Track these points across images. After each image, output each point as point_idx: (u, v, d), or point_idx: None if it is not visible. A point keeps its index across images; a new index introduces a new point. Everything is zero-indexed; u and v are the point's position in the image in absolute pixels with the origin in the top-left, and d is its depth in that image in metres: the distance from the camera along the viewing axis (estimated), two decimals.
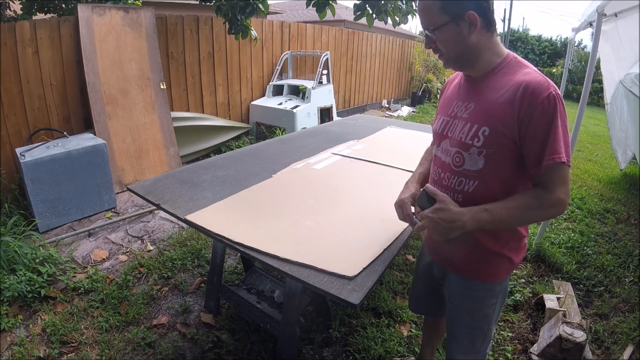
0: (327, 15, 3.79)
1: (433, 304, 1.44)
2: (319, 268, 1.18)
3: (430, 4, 0.98)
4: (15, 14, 4.75)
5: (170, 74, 4.48)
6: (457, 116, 1.07)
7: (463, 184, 1.04)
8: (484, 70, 1.03)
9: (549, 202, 0.94)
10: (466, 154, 1.02)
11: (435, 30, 0.98)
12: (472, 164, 1.01)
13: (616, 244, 3.02)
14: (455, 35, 0.98)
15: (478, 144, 0.99)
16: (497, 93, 0.98)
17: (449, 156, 1.08)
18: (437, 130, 1.14)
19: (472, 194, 1.03)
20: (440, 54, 1.04)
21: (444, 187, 1.08)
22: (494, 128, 0.96)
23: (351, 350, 1.85)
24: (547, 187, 0.94)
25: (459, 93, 1.12)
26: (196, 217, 1.48)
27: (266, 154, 2.35)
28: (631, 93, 3.46)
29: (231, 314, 2.06)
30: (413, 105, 9.76)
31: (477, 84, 1.05)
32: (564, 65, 3.69)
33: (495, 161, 0.98)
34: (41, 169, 2.81)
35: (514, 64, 1.01)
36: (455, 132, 1.06)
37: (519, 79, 0.95)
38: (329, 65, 5.79)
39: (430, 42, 1.03)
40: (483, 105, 1.01)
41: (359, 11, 3.86)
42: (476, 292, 1.15)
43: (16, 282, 2.09)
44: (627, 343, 1.95)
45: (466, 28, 0.97)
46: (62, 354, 1.80)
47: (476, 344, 1.22)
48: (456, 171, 1.05)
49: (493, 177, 1.00)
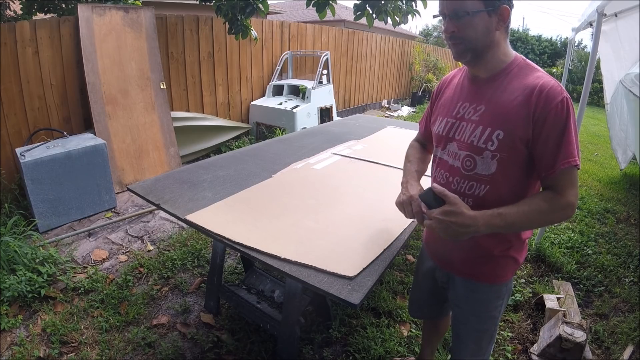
0: (327, 15, 3.79)
1: (434, 307, 1.44)
2: (319, 268, 1.18)
3: None
4: (15, 14, 4.75)
5: (170, 74, 4.48)
6: (465, 118, 1.04)
7: (474, 188, 1.02)
8: (493, 71, 1.01)
9: (560, 205, 0.94)
10: (479, 157, 1.00)
11: (466, 15, 0.93)
12: (484, 168, 1.00)
13: (616, 244, 3.02)
14: (484, 25, 0.94)
15: (492, 148, 0.97)
16: (509, 95, 0.96)
17: (457, 160, 1.05)
18: (441, 133, 1.11)
19: (483, 198, 1.02)
20: (458, 42, 0.98)
21: (452, 191, 1.04)
22: (508, 131, 0.95)
23: (351, 350, 1.85)
24: (558, 190, 0.94)
25: (462, 94, 1.08)
26: (196, 217, 1.48)
27: (266, 154, 2.35)
28: (631, 93, 3.45)
29: (231, 314, 2.06)
30: (413, 105, 9.76)
31: (485, 85, 1.02)
32: (564, 65, 3.69)
33: (507, 165, 0.97)
34: (41, 169, 2.81)
35: (524, 67, 1.00)
36: (464, 135, 1.03)
37: (533, 83, 0.94)
38: (329, 65, 5.79)
39: (451, 27, 0.97)
40: (495, 107, 0.98)
41: (359, 11, 3.86)
42: (483, 294, 1.15)
43: (16, 282, 2.09)
44: (627, 343, 1.95)
45: (495, 21, 0.94)
46: (62, 354, 1.80)
47: (483, 345, 1.22)
48: (467, 175, 1.03)
49: (504, 181, 0.99)
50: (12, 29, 3.17)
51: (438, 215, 0.93)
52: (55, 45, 3.46)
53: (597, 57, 3.29)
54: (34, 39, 3.31)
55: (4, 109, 3.20)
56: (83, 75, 3.52)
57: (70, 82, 3.62)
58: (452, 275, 1.20)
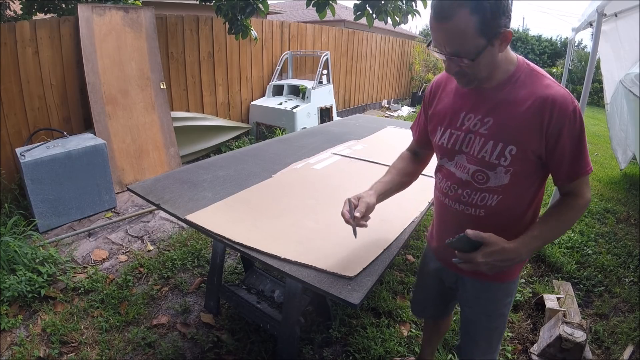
0: (327, 15, 3.78)
1: (439, 307, 1.44)
2: (319, 268, 1.18)
3: (462, 26, 0.82)
4: (15, 14, 4.75)
5: (170, 74, 4.48)
6: (472, 131, 1.00)
7: (486, 199, 1.02)
8: (498, 80, 0.96)
9: (581, 206, 0.99)
10: (492, 172, 0.98)
11: (471, 59, 0.86)
12: (497, 181, 0.99)
13: (616, 244, 3.02)
14: (489, 57, 0.88)
15: (505, 163, 0.95)
16: (519, 107, 0.93)
17: (467, 173, 1.03)
18: (446, 145, 1.06)
19: (495, 207, 1.02)
20: (462, 76, 0.93)
21: (463, 202, 1.05)
22: (520, 146, 0.93)
23: (351, 350, 1.85)
24: (577, 194, 0.98)
25: (465, 103, 1.03)
26: (196, 217, 1.48)
27: (266, 154, 2.35)
28: (631, 93, 3.45)
29: (231, 314, 2.06)
30: (413, 105, 9.76)
31: (491, 94, 0.97)
32: (564, 65, 3.69)
33: (520, 176, 0.97)
34: (41, 169, 2.81)
35: (529, 73, 0.95)
36: (473, 149, 1.00)
37: (543, 93, 0.91)
38: (329, 65, 5.79)
39: (454, 68, 0.91)
40: (505, 120, 0.95)
41: (359, 11, 3.86)
42: (494, 293, 1.16)
43: (16, 282, 2.09)
44: (627, 343, 1.95)
45: (498, 45, 0.87)
46: (62, 354, 1.80)
47: (493, 343, 1.23)
48: (479, 188, 1.02)
49: (515, 190, 1.00)
50: (12, 29, 3.17)
51: (483, 259, 0.91)
52: (55, 45, 3.46)
53: (597, 57, 3.29)
54: (34, 39, 3.31)
55: (4, 109, 3.20)
56: (83, 75, 3.52)
57: (70, 82, 3.62)
58: (461, 276, 1.20)
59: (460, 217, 1.07)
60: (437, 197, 1.17)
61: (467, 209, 1.04)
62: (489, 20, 0.82)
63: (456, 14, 0.82)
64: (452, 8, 0.82)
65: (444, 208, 1.13)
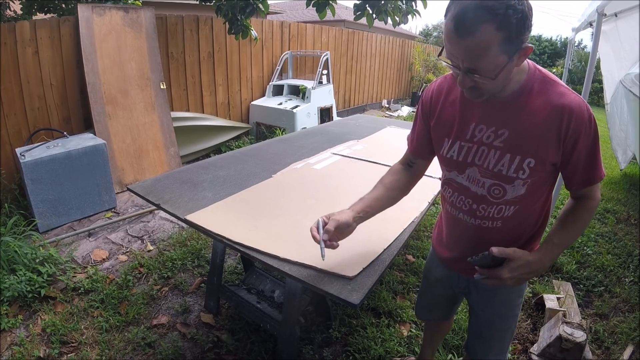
0: (327, 15, 3.78)
1: (445, 311, 1.44)
2: (319, 268, 1.17)
3: (486, 43, 0.76)
4: (15, 14, 4.75)
5: (170, 74, 4.48)
6: (485, 143, 0.96)
7: (503, 210, 1.00)
8: (511, 90, 0.92)
9: (593, 207, 1.01)
10: (509, 186, 0.96)
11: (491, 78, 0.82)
12: (514, 193, 0.97)
13: (616, 244, 3.02)
14: (507, 72, 0.84)
15: (523, 177, 0.94)
16: (535, 119, 0.90)
17: (481, 187, 1.00)
18: (456, 158, 1.02)
19: (511, 217, 1.01)
20: (476, 90, 0.88)
21: (479, 217, 1.03)
22: (539, 158, 0.92)
23: (351, 350, 1.85)
24: (590, 196, 1.00)
25: (474, 113, 0.98)
26: (196, 217, 1.48)
27: (266, 154, 2.35)
28: (631, 93, 3.45)
29: (231, 314, 2.06)
30: (413, 105, 9.76)
31: (503, 105, 0.94)
32: (564, 65, 3.69)
33: (536, 185, 0.97)
34: (41, 169, 2.81)
35: (541, 80, 0.92)
36: (487, 162, 0.97)
37: (559, 102, 0.89)
38: (329, 65, 5.79)
39: (469, 83, 0.86)
40: (521, 132, 0.92)
41: (359, 11, 3.85)
42: (507, 295, 1.16)
43: (16, 282, 2.09)
44: (627, 343, 1.95)
45: (516, 59, 0.83)
46: (62, 354, 1.80)
47: (505, 343, 1.24)
48: (495, 202, 0.99)
49: (530, 198, 0.99)
50: (12, 29, 3.17)
51: (509, 275, 0.90)
52: (55, 45, 3.46)
53: (597, 57, 3.29)
54: (34, 39, 3.31)
55: (4, 109, 3.20)
56: (83, 75, 3.52)
57: (70, 82, 3.62)
58: (473, 280, 1.17)
59: (475, 230, 1.06)
60: (448, 210, 1.13)
61: (484, 223, 1.03)
62: (514, 38, 0.78)
63: (480, 29, 0.75)
64: (476, 22, 0.75)
65: (457, 222, 1.10)
